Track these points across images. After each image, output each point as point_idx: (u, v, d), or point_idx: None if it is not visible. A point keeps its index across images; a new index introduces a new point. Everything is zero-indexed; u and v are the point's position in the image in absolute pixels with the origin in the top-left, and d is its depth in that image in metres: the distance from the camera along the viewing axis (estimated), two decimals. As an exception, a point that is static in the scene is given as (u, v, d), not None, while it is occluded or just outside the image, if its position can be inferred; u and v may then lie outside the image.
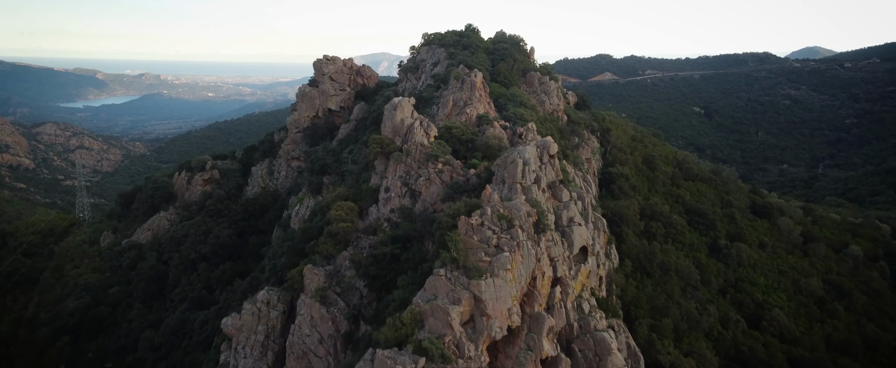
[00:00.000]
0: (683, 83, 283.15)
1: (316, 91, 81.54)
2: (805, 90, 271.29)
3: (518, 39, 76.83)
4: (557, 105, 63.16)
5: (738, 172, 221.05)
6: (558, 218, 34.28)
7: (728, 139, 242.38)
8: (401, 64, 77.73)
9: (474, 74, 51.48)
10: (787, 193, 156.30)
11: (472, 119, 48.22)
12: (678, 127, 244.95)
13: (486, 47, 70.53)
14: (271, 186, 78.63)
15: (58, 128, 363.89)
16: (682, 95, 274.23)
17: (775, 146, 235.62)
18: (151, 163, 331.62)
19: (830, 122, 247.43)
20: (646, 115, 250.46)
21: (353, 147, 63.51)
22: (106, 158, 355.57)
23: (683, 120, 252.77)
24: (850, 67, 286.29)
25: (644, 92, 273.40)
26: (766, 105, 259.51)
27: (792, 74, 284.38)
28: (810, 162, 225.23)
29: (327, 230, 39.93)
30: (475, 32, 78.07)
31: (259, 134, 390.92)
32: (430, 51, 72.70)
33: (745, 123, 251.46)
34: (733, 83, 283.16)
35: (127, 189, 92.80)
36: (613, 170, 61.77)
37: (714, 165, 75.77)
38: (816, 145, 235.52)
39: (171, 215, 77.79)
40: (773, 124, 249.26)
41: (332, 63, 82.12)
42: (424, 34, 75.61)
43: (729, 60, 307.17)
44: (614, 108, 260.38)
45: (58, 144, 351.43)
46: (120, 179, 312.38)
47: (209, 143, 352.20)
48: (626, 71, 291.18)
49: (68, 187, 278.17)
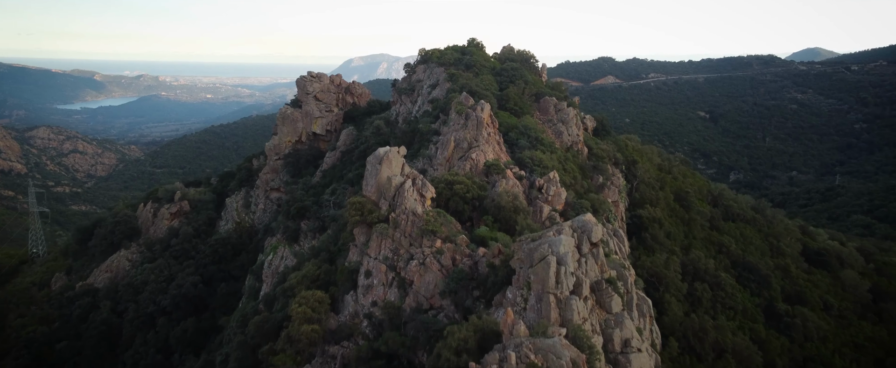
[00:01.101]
0: (687, 87, 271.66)
1: (299, 113, 69.93)
2: (812, 94, 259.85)
3: (528, 56, 64.71)
4: (577, 136, 51.79)
5: (746, 179, 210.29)
6: (608, 340, 23.18)
7: (735, 145, 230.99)
8: (394, 84, 66.11)
9: (480, 108, 39.98)
10: (805, 207, 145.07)
11: (479, 166, 37.03)
12: (683, 132, 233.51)
13: (492, 67, 58.73)
14: (247, 220, 67.20)
15: (51, 132, 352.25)
16: (687, 99, 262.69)
17: (783, 152, 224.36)
18: (145, 168, 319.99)
19: (839, 127, 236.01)
20: (650, 120, 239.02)
21: (335, 186, 52.13)
22: (100, 162, 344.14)
23: (688, 125, 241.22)
24: (857, 70, 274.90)
25: (648, 96, 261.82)
26: (773, 109, 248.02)
27: (798, 78, 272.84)
28: (820, 169, 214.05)
29: (286, 332, 28.80)
30: (479, 48, 66.16)
31: (255, 138, 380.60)
32: (427, 70, 60.89)
33: (751, 127, 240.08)
34: (738, 87, 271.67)
35: (85, 223, 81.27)
36: (644, 214, 50.56)
37: (754, 199, 64.01)
38: (825, 151, 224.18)
39: (133, 253, 66.33)
40: (780, 129, 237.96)
41: (318, 81, 70.43)
42: (421, 50, 63.93)
43: (733, 63, 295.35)
44: (618, 113, 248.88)
45: (51, 148, 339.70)
46: (114, 184, 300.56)
47: (204, 147, 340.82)
48: (629, 74, 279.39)
49: (58, 194, 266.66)
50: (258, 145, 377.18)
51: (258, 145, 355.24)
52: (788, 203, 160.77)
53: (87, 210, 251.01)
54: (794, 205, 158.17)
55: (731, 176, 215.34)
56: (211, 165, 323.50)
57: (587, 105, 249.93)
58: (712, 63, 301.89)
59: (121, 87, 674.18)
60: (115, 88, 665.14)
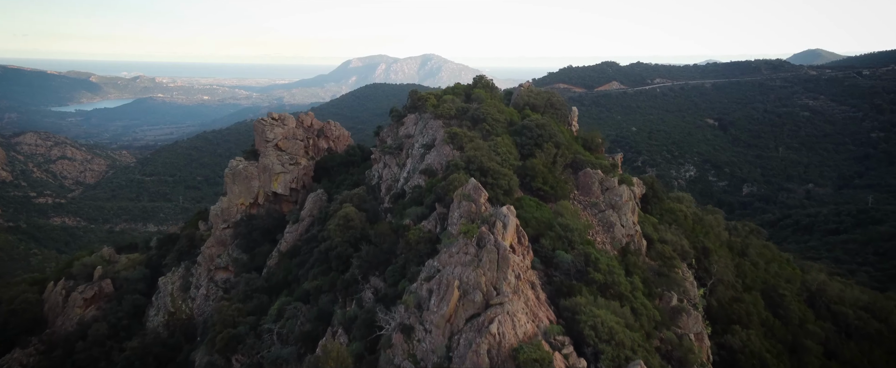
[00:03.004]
0: (694, 93, 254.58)
1: (254, 167, 52.47)
2: (823, 100, 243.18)
3: (553, 99, 46.20)
4: (632, 226, 34.85)
5: (760, 192, 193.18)
6: None
7: (746, 155, 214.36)
8: (377, 133, 48.40)
9: (502, 224, 23.16)
10: (838, 234, 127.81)
11: (505, 348, 20.37)
12: (692, 142, 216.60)
13: (507, 119, 40.77)
14: (184, 310, 49.96)
15: (39, 137, 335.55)
16: (694, 105, 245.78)
17: (798, 163, 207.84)
18: (134, 176, 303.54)
19: (854, 135, 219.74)
20: (657, 128, 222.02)
21: (284, 302, 34.99)
22: (90, 168, 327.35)
23: (697, 134, 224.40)
24: (869, 75, 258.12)
25: (654, 103, 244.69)
26: (785, 117, 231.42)
27: (809, 83, 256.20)
28: (837, 181, 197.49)
29: None
30: (489, 90, 47.40)
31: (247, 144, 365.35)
32: (420, 123, 42.92)
33: (762, 136, 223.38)
34: (747, 92, 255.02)
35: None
36: (734, 343, 33.82)
37: (870, 292, 45.56)
38: (842, 162, 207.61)
39: (30, 355, 48.98)
40: (793, 138, 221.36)
41: (281, 124, 53.01)
42: (412, 93, 45.70)
43: (740, 68, 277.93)
44: (624, 121, 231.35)
45: (38, 154, 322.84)
46: (101, 192, 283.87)
47: (195, 154, 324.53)
48: (633, 79, 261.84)
49: (40, 206, 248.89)
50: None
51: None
52: (816, 228, 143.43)
53: (70, 225, 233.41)
54: (822, 230, 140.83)
55: (744, 189, 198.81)
56: (202, 172, 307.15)
57: (592, 113, 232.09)
58: (718, 67, 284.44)
59: (117, 88, 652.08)
60: (111, 90, 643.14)
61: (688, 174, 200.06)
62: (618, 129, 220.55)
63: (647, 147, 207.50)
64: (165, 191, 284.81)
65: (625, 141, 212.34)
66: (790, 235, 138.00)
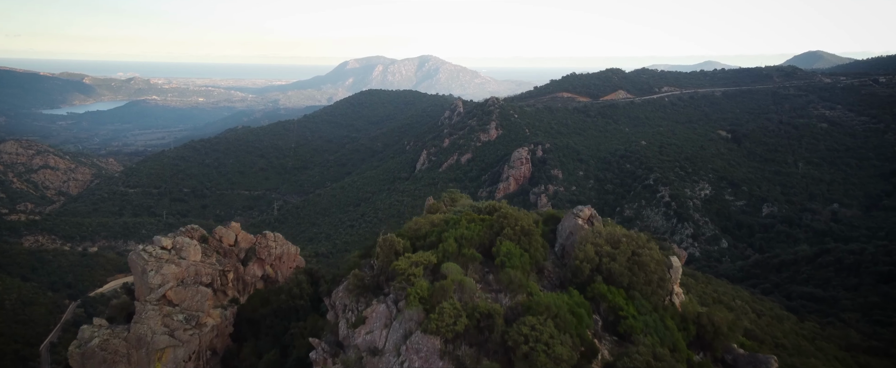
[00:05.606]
0: (704, 102, 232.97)
1: (121, 340, 28.95)
2: (841, 110, 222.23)
3: (640, 253, 22.42)
4: None
5: (781, 213, 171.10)
6: None
7: (764, 171, 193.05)
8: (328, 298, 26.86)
9: None
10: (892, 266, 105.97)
11: None
12: (706, 156, 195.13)
13: (571, 328, 18.93)
14: None
15: (20, 146, 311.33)
16: (705, 116, 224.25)
17: (820, 180, 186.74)
18: (118, 187, 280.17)
19: (878, 149, 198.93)
20: (668, 141, 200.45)
21: None
22: (73, 177, 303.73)
23: (710, 147, 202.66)
24: (886, 83, 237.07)
25: (663, 113, 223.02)
26: (802, 129, 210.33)
27: (824, 91, 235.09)
28: (864, 201, 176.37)
29: None
30: (526, 236, 21.93)
31: (236, 154, 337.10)
32: (394, 322, 18.13)
33: (780, 150, 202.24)
34: (760, 102, 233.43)
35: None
36: None
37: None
38: (868, 180, 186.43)
39: None
40: (812, 152, 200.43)
41: (176, 258, 29.22)
42: (383, 242, 22.78)
43: (751, 75, 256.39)
44: (633, 133, 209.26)
45: (19, 163, 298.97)
46: (82, 205, 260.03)
47: (182, 164, 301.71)
48: (640, 87, 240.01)
49: (11, 224, 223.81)
50: (240, 163, 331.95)
51: (240, 162, 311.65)
52: (863, 269, 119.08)
53: (44, 244, 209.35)
54: (871, 273, 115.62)
55: (765, 209, 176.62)
56: (188, 183, 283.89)
57: (599, 125, 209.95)
58: (727, 74, 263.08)
59: (111, 90, 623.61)
60: (105, 92, 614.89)
61: (703, 193, 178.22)
62: (626, 142, 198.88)
63: (659, 163, 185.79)
64: (150, 204, 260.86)
65: (635, 156, 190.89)
66: (834, 276, 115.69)
